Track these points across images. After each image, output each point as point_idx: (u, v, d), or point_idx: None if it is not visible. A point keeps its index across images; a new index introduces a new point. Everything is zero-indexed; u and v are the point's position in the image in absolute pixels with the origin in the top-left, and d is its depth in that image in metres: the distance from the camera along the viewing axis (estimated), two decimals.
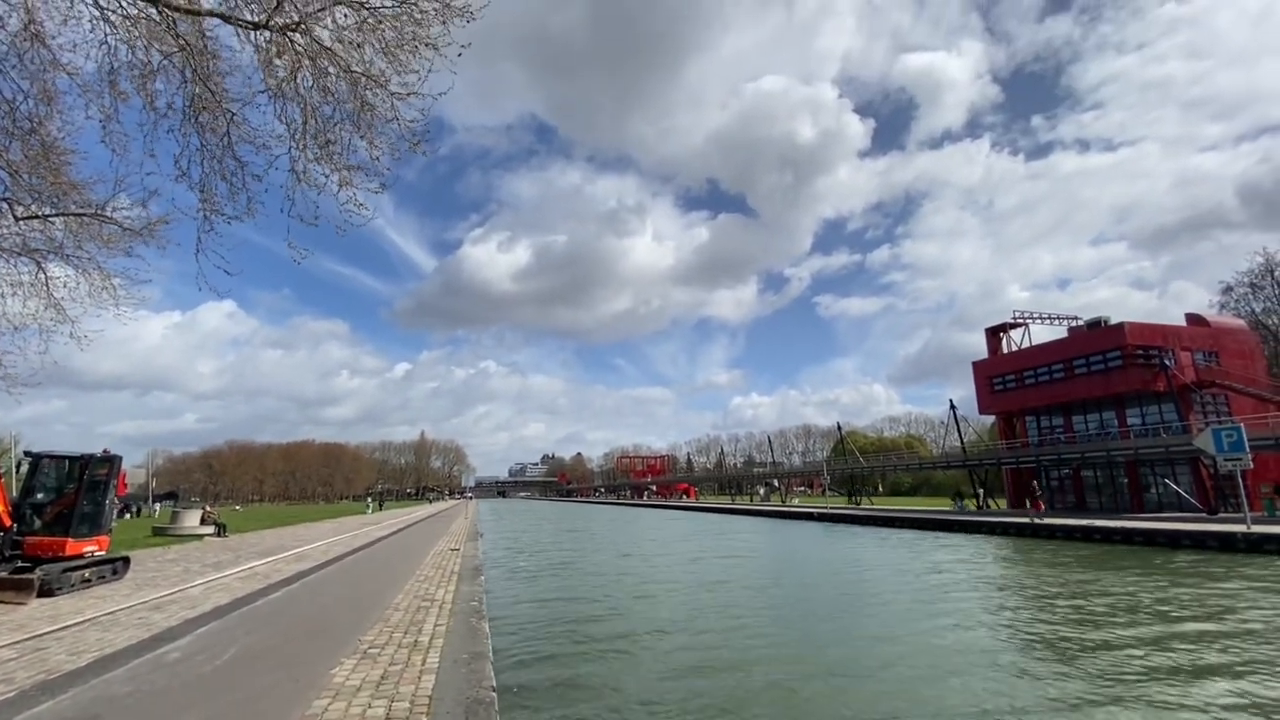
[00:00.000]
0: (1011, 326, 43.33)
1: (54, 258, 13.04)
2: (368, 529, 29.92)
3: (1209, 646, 9.27)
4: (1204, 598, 12.82)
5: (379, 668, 5.75)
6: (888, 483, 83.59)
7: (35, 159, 11.32)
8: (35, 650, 6.61)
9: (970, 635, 10.31)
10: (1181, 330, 35.77)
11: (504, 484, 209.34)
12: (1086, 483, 36.49)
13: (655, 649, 9.75)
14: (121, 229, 12.36)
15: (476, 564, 14.78)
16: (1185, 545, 21.00)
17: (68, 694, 5.10)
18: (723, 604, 13.50)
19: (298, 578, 12.28)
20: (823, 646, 9.76)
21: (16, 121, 10.87)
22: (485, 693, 4.98)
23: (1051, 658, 8.86)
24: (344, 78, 7.93)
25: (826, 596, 14.45)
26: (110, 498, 11.80)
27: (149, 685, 5.32)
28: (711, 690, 7.68)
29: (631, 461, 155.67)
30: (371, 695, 4.94)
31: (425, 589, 10.61)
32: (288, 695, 4.98)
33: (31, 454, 11.40)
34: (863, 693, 7.56)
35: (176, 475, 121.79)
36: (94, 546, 11.28)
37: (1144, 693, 7.31)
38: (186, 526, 24.99)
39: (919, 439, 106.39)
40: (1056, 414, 39.06)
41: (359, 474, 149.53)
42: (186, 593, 10.47)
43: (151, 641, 6.92)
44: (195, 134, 8.71)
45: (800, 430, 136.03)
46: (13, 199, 11.58)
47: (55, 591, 9.97)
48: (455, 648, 6.49)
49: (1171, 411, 32.72)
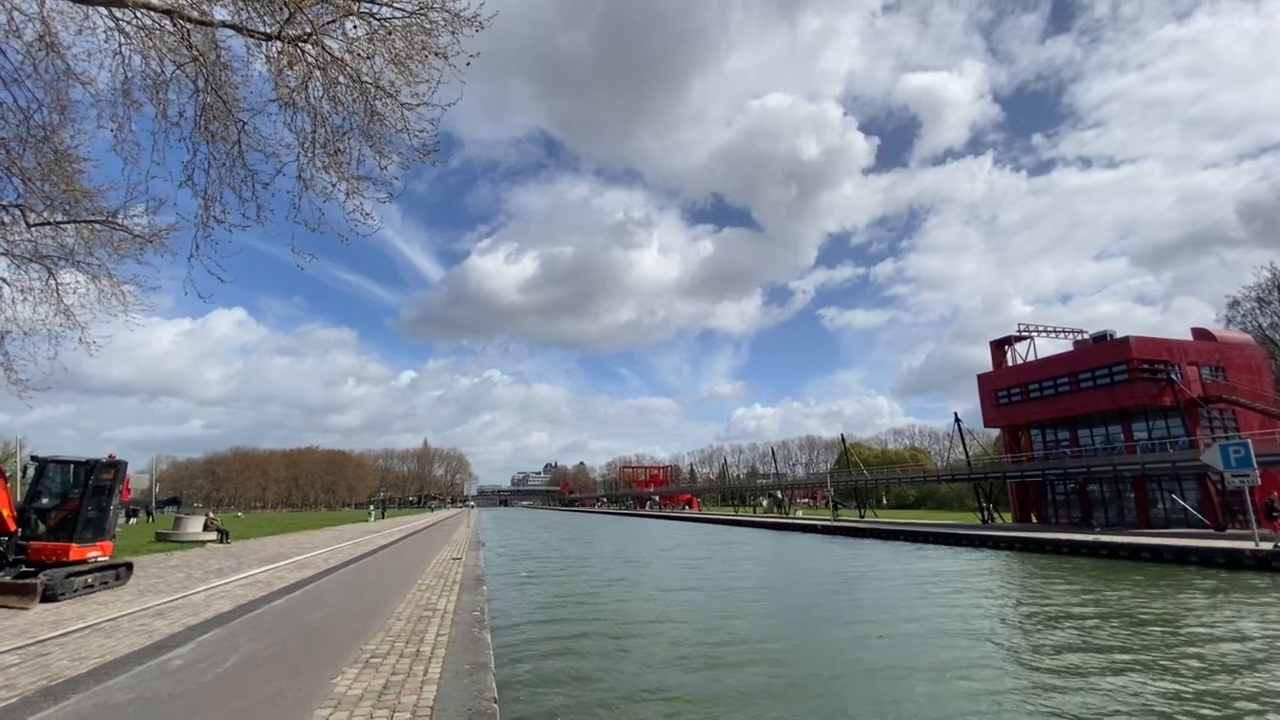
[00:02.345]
0: (1016, 339, 43.20)
1: (65, 264, 13.16)
2: (370, 537, 29.87)
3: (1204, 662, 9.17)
4: (1210, 614, 12.68)
5: (381, 677, 5.72)
6: (891, 495, 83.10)
7: (48, 167, 11.45)
8: (38, 656, 6.60)
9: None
10: (1188, 345, 35.60)
11: (506, 493, 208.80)
12: (1093, 497, 36.20)
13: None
14: (132, 236, 12.46)
15: (478, 574, 14.72)
16: (1192, 561, 20.78)
17: (70, 700, 5.09)
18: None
19: (299, 585, 12.25)
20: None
21: (30, 130, 11.01)
22: (487, 704, 4.95)
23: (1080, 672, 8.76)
24: (354, 88, 8.01)
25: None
26: (114, 503, 11.82)
27: (151, 692, 5.31)
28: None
29: (634, 471, 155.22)
30: (373, 705, 4.92)
31: (427, 598, 10.57)
32: (289, 704, 4.96)
33: (38, 459, 11.43)
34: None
35: (180, 481, 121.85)
36: (98, 552, 11.29)
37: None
38: (189, 532, 24.96)
39: (923, 451, 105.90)
40: (1062, 428, 38.83)
41: (362, 481, 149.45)
42: (189, 599, 10.46)
43: (154, 648, 6.91)
44: (205, 142, 8.81)
45: (804, 441, 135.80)
46: (26, 206, 11.71)
47: (58, 597, 9.98)
48: (457, 658, 6.45)
49: (1178, 426, 32.49)
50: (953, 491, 69.89)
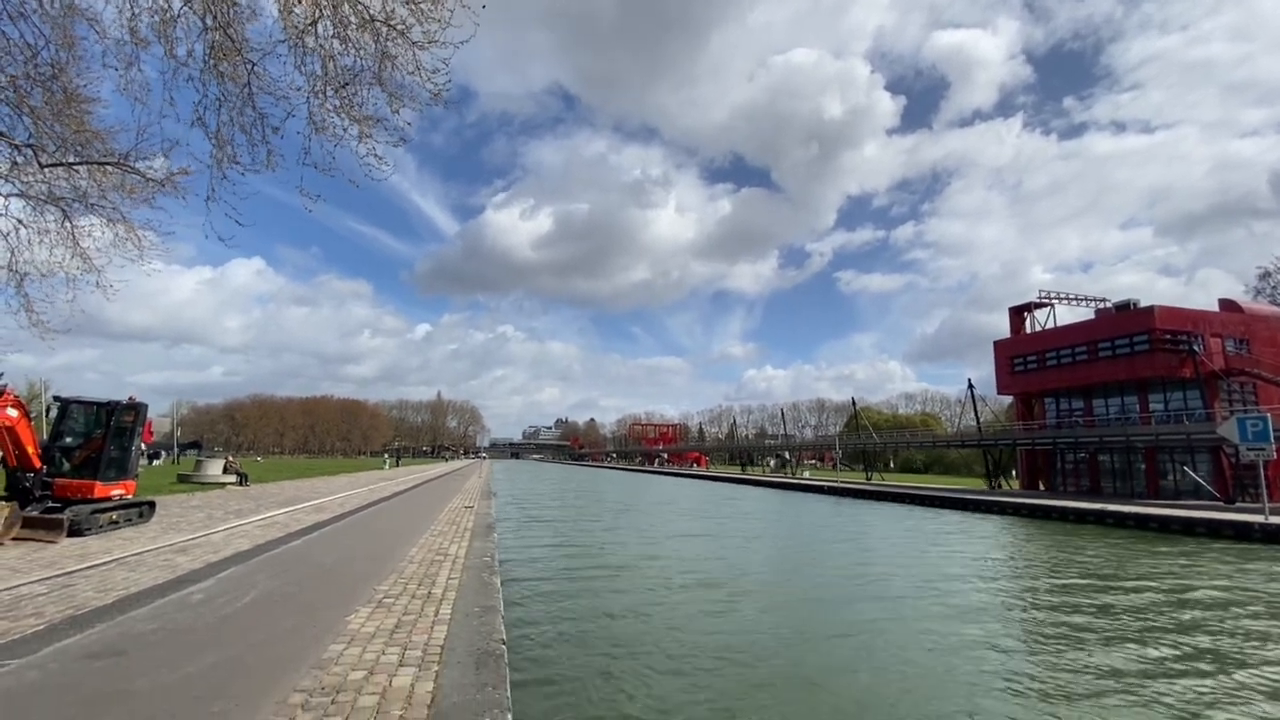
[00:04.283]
0: (1037, 306, 42.39)
1: (79, 207, 13.14)
2: (385, 484, 30.59)
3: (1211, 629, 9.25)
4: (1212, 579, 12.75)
5: (393, 617, 5.90)
6: (899, 459, 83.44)
7: (58, 106, 11.31)
8: (64, 587, 6.87)
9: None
10: (1213, 316, 34.76)
11: (517, 446, 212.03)
12: (1102, 467, 36.09)
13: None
14: (144, 179, 12.37)
15: (489, 521, 15.05)
16: (1199, 533, 20.78)
17: (95, 629, 5.29)
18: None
19: (316, 528, 12.60)
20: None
21: (38, 67, 10.83)
22: (495, 645, 5.09)
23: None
24: (365, 27, 7.75)
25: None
26: (137, 444, 12.12)
27: (172, 624, 5.51)
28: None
29: (644, 428, 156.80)
30: (385, 643, 5.07)
31: (439, 544, 10.84)
32: (305, 639, 5.13)
33: (60, 399, 11.69)
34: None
35: (200, 426, 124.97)
36: (121, 490, 11.64)
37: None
38: (210, 475, 25.70)
39: (933, 417, 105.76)
40: (1077, 397, 38.44)
41: (376, 430, 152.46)
42: (209, 538, 10.80)
43: (175, 583, 7.16)
44: (215, 83, 8.63)
45: (814, 404, 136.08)
46: (38, 145, 11.62)
47: (84, 532, 10.34)
48: (467, 601, 6.63)
49: (1196, 398, 32.04)
50: (960, 457, 69.99)
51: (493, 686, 4.20)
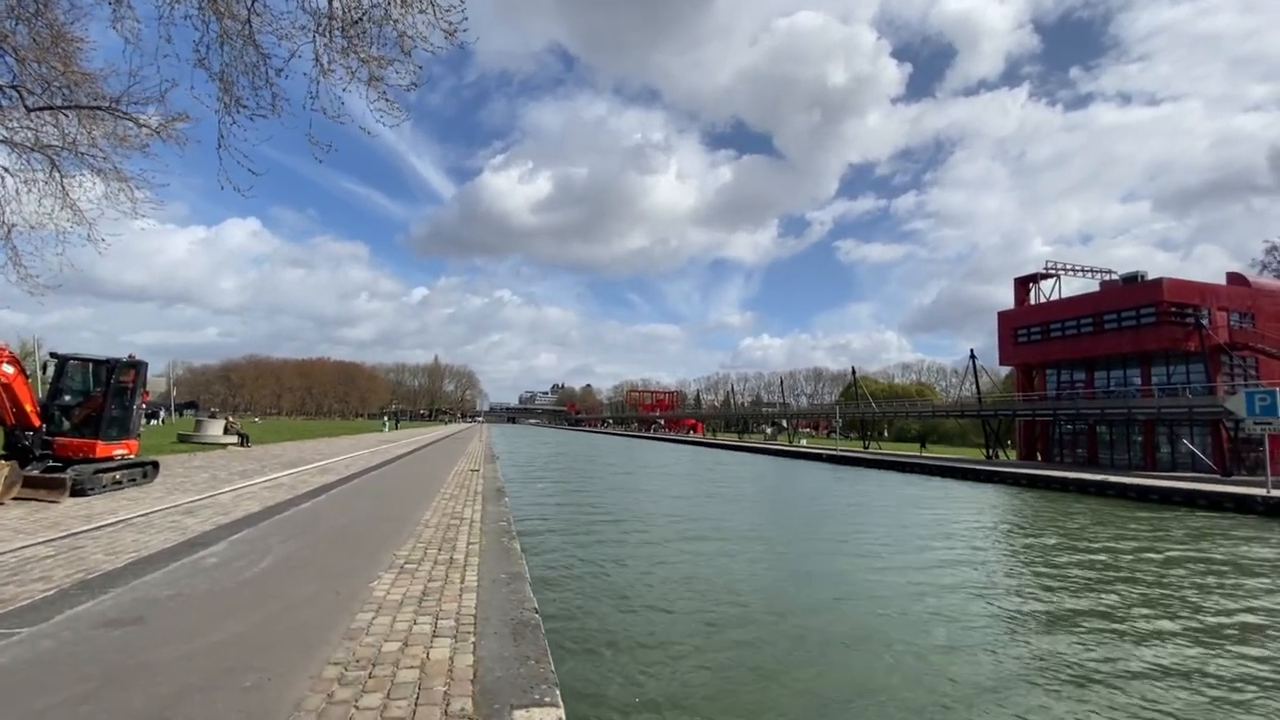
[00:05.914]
0: (1043, 277, 42.03)
1: (68, 155, 12.50)
2: (386, 446, 30.46)
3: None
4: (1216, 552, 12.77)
5: (419, 583, 5.68)
6: (894, 428, 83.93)
7: (45, 45, 10.65)
8: (72, 549, 6.63)
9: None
10: (1220, 289, 34.48)
11: (514, 410, 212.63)
12: (1100, 438, 36.25)
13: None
14: (137, 125, 11.76)
15: (499, 485, 14.90)
16: (1201, 505, 20.89)
17: (109, 594, 5.06)
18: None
19: (324, 490, 12.41)
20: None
21: (21, 2, 10.16)
22: (530, 614, 4.88)
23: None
24: None
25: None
26: (138, 403, 11.81)
27: (189, 589, 5.28)
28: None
29: (640, 395, 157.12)
30: (415, 611, 4.86)
31: (452, 507, 10.65)
32: (330, 606, 4.91)
33: (58, 356, 11.31)
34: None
35: (196, 386, 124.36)
36: (124, 450, 11.36)
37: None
38: (210, 435, 25.46)
39: (929, 387, 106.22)
40: (1079, 369, 38.38)
41: (374, 393, 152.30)
42: (217, 499, 10.58)
43: (187, 545, 6.93)
44: (215, 20, 8.04)
45: (810, 373, 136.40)
46: (22, 87, 10.97)
47: (87, 492, 10.08)
48: (492, 567, 6.42)
49: (1199, 372, 31.99)
50: (956, 427, 70.37)
51: (535, 660, 3.99)
